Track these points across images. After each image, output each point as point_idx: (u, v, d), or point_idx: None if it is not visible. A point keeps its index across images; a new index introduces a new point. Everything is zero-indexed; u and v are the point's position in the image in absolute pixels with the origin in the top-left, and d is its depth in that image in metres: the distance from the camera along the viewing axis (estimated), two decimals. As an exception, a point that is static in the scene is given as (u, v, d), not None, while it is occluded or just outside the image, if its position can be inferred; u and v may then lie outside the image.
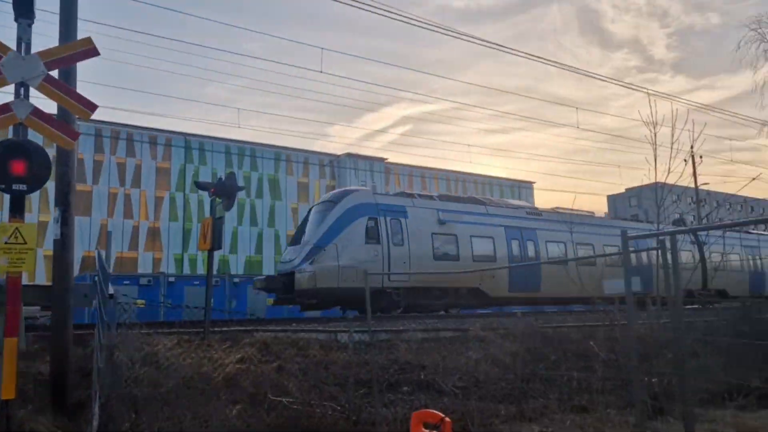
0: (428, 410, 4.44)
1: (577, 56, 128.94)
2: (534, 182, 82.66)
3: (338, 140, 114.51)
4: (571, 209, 20.47)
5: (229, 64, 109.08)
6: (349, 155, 68.41)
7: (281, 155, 65.07)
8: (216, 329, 10.34)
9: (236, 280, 24.53)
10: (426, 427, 3.79)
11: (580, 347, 10.32)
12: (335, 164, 68.10)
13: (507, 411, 7.43)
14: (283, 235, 64.13)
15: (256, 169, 64.88)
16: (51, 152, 6.20)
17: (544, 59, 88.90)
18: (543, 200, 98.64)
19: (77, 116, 6.79)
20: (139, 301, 19.62)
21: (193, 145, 61.84)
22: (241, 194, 55.69)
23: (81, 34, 7.30)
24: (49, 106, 6.63)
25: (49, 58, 6.24)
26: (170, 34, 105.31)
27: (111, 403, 5.99)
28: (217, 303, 19.59)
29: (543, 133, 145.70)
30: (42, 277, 43.02)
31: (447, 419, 3.74)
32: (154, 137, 59.93)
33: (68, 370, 6.83)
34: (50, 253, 7.30)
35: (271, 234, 63.99)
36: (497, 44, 26.34)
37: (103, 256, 8.31)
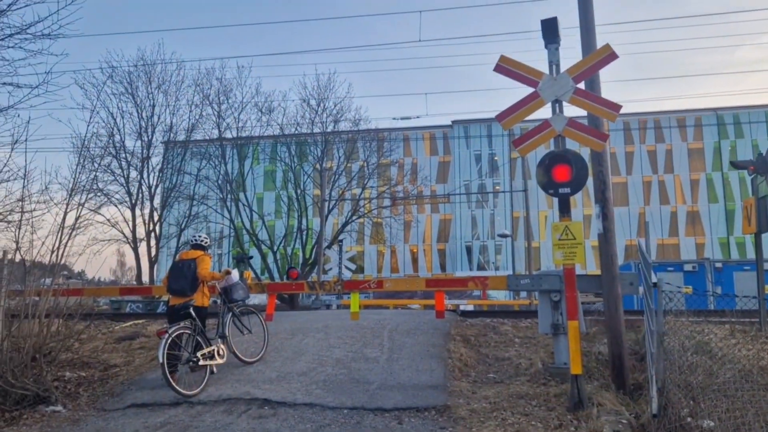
0: None
1: None
2: None
3: None
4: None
5: (762, 23, 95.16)
6: None
7: None
8: (776, 320, 9.30)
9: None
10: None
11: None
12: None
13: None
14: None
15: (813, 132, 54.51)
16: (584, 153, 6.91)
17: None
18: None
19: (605, 119, 7.33)
20: (686, 288, 19.24)
21: (726, 120, 56.59)
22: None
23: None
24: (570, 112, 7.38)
25: (576, 72, 6.98)
26: (675, 12, 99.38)
27: (667, 388, 6.18)
28: (775, 290, 17.49)
29: None
30: (591, 265, 46.76)
31: None
32: (682, 119, 57.65)
33: (623, 352, 7.38)
34: (596, 243, 8.06)
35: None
36: None
37: (643, 245, 8.63)
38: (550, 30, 7.11)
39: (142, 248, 28.79)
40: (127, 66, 29.65)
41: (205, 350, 7.70)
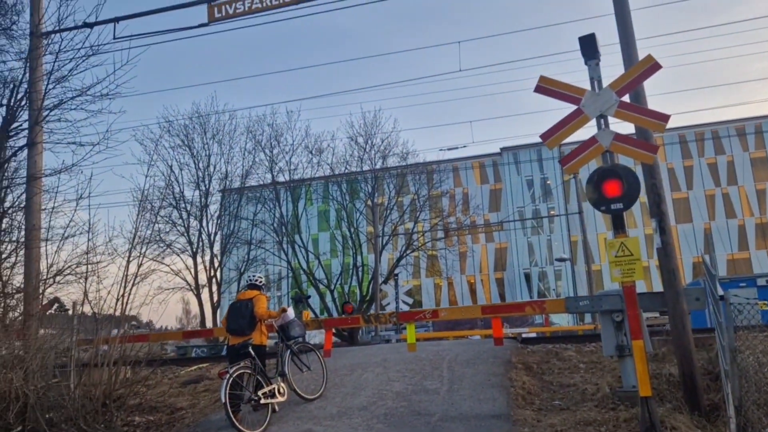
0: None
1: None
2: None
3: None
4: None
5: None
6: None
7: None
8: None
9: None
10: None
11: None
12: None
13: None
14: None
15: None
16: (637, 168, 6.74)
17: None
18: None
19: (653, 131, 7.16)
20: (762, 303, 18.19)
21: (790, 124, 54.15)
22: None
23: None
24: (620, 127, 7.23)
25: (619, 86, 6.88)
26: (720, 20, 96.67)
27: (745, 407, 5.83)
28: None
29: None
30: (658, 285, 44.91)
31: None
32: (741, 127, 55.51)
33: (695, 371, 7.03)
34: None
35: None
36: None
37: (708, 260, 8.26)
38: (588, 46, 7.06)
39: (205, 294, 29.55)
40: (183, 119, 31.02)
41: (266, 389, 7.77)
